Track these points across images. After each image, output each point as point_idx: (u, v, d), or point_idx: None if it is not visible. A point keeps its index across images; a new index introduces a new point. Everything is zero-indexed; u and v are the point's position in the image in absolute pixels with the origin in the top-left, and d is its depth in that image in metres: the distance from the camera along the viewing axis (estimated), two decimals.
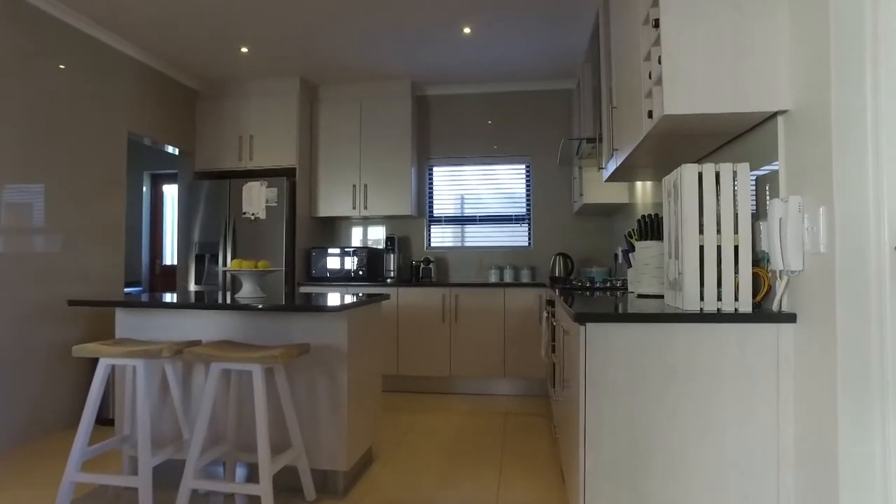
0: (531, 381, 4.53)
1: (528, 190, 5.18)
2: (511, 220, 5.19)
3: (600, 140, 3.09)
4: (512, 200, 5.21)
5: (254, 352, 2.23)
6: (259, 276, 2.71)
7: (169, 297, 2.78)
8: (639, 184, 3.66)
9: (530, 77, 5.01)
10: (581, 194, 4.11)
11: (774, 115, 1.66)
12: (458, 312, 4.55)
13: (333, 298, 2.76)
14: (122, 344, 2.37)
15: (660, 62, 1.68)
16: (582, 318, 1.66)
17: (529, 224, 5.16)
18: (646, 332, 1.63)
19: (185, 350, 2.22)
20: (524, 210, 5.19)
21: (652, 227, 2.51)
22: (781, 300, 1.61)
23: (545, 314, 3.45)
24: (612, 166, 2.75)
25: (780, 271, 1.59)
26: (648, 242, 2.48)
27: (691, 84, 1.63)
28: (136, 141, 5.87)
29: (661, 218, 2.46)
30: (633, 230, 2.86)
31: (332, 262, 4.94)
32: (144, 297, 2.88)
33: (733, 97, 1.62)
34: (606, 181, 3.00)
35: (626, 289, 3.15)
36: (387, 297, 3.01)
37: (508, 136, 5.19)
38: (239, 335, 2.59)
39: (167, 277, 5.99)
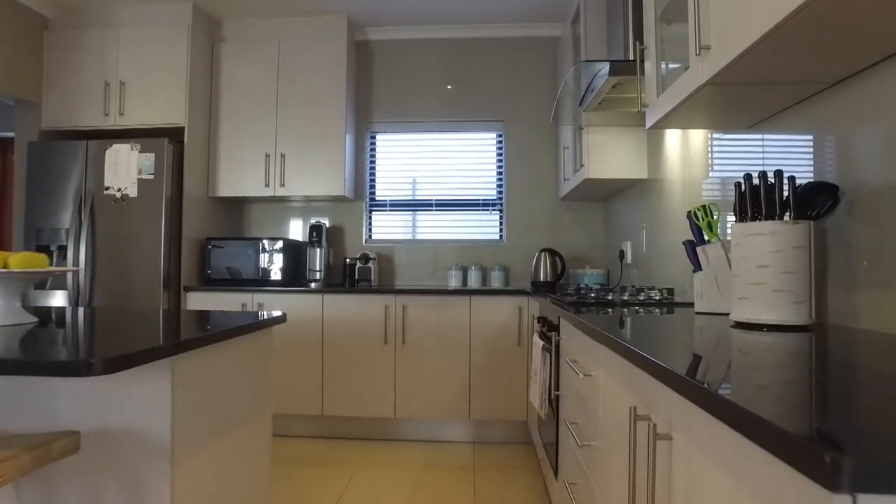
0: (506, 424, 3.33)
1: (499, 166, 3.98)
2: (478, 205, 3.99)
3: (642, 66, 1.90)
4: (479, 179, 4.00)
5: None
6: (15, 283, 1.39)
7: None
8: (671, 147, 2.51)
9: (505, 18, 3.82)
10: (581, 165, 2.94)
11: None
12: (406, 329, 3.31)
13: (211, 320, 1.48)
14: None
15: None
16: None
17: (501, 211, 3.97)
18: None
19: None
20: (495, 192, 3.99)
21: (768, 198, 1.34)
22: None
23: (540, 342, 2.25)
24: (679, 92, 1.57)
25: None
26: (765, 225, 1.30)
27: None
28: None
29: (793, 179, 1.29)
30: (704, 207, 1.69)
31: (237, 260, 3.61)
32: None
33: None
34: (651, 128, 1.82)
35: (671, 301, 1.99)
36: (279, 320, 1.74)
37: (476, 96, 3.98)
38: None
39: None
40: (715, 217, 1.68)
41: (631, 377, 1.08)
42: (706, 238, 1.70)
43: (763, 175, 1.34)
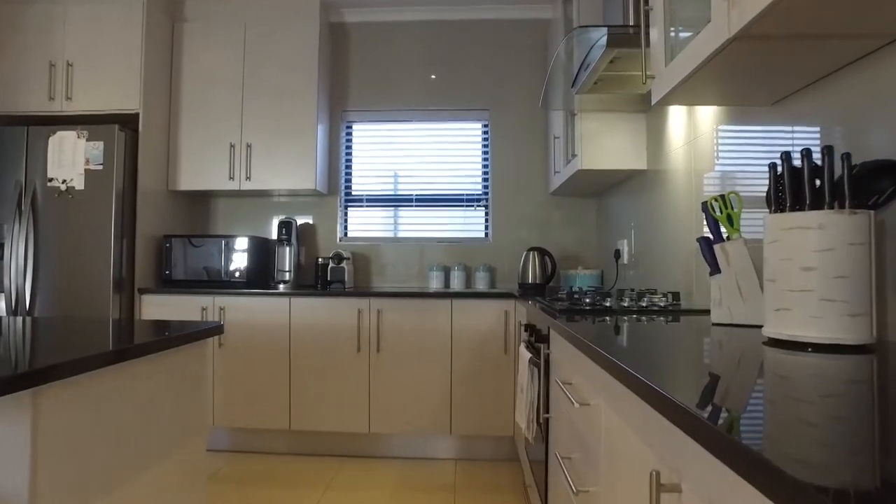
0: (491, 440, 3.04)
1: (485, 158, 3.70)
2: (462, 201, 3.70)
3: (646, 32, 1.62)
4: (463, 173, 3.71)
5: None
6: None
7: None
8: (674, 134, 2.24)
9: (492, 0, 3.54)
10: (574, 155, 2.66)
11: None
12: (381, 336, 3.02)
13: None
14: None
15: None
16: None
17: (487, 207, 3.68)
18: None
19: None
20: (480, 187, 3.70)
21: (813, 182, 1.06)
22: None
23: (527, 354, 1.97)
24: (697, 53, 1.28)
25: None
26: (810, 216, 1.03)
27: None
28: None
29: (847, 157, 1.01)
30: (723, 198, 1.41)
31: (198, 259, 3.30)
32: None
33: None
34: (657, 104, 1.54)
35: (678, 308, 1.71)
36: (212, 331, 1.44)
37: (460, 83, 3.69)
38: None
39: None
40: (735, 209, 1.41)
41: (648, 421, 0.80)
42: (725, 234, 1.42)
43: (807, 153, 1.06)
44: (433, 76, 3.69)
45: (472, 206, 3.68)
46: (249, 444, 3.13)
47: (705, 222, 1.45)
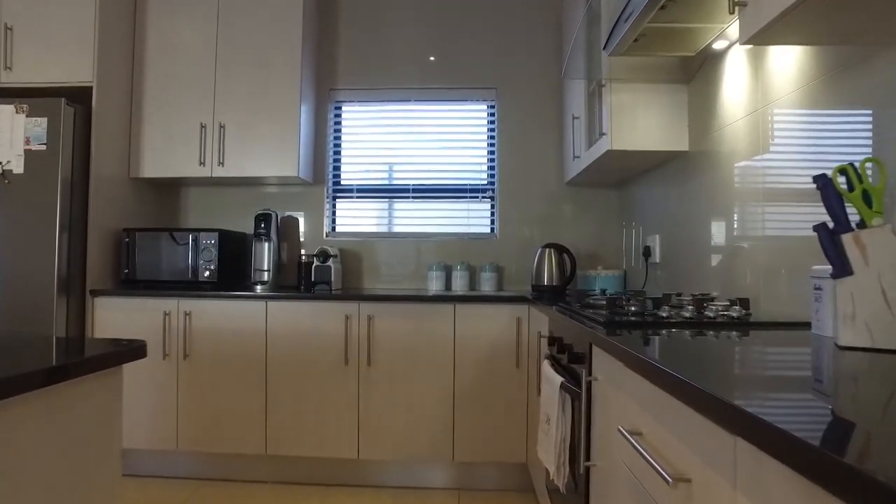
0: (499, 467, 2.62)
1: (491, 143, 3.28)
2: (465, 192, 3.28)
3: None
4: (467, 161, 3.29)
5: None
6: None
7: None
8: (729, 106, 1.82)
9: None
10: (602, 134, 2.24)
11: None
12: (372, 346, 2.59)
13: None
14: None
15: None
16: None
17: (493, 199, 3.26)
18: None
19: None
20: (485, 176, 3.28)
21: None
22: None
23: (557, 377, 1.54)
24: None
25: None
26: None
27: None
28: None
29: None
30: (853, 168, 1.00)
31: (162, 256, 2.87)
32: None
33: None
34: (749, 42, 1.12)
35: (749, 319, 1.29)
36: (128, 354, 1.01)
37: (463, 58, 3.26)
38: None
39: None
40: (877, 183, 0.99)
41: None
42: (860, 220, 1.00)
43: None
44: (433, 51, 3.26)
45: (477, 197, 3.26)
46: (219, 471, 2.70)
47: (823, 204, 1.03)
